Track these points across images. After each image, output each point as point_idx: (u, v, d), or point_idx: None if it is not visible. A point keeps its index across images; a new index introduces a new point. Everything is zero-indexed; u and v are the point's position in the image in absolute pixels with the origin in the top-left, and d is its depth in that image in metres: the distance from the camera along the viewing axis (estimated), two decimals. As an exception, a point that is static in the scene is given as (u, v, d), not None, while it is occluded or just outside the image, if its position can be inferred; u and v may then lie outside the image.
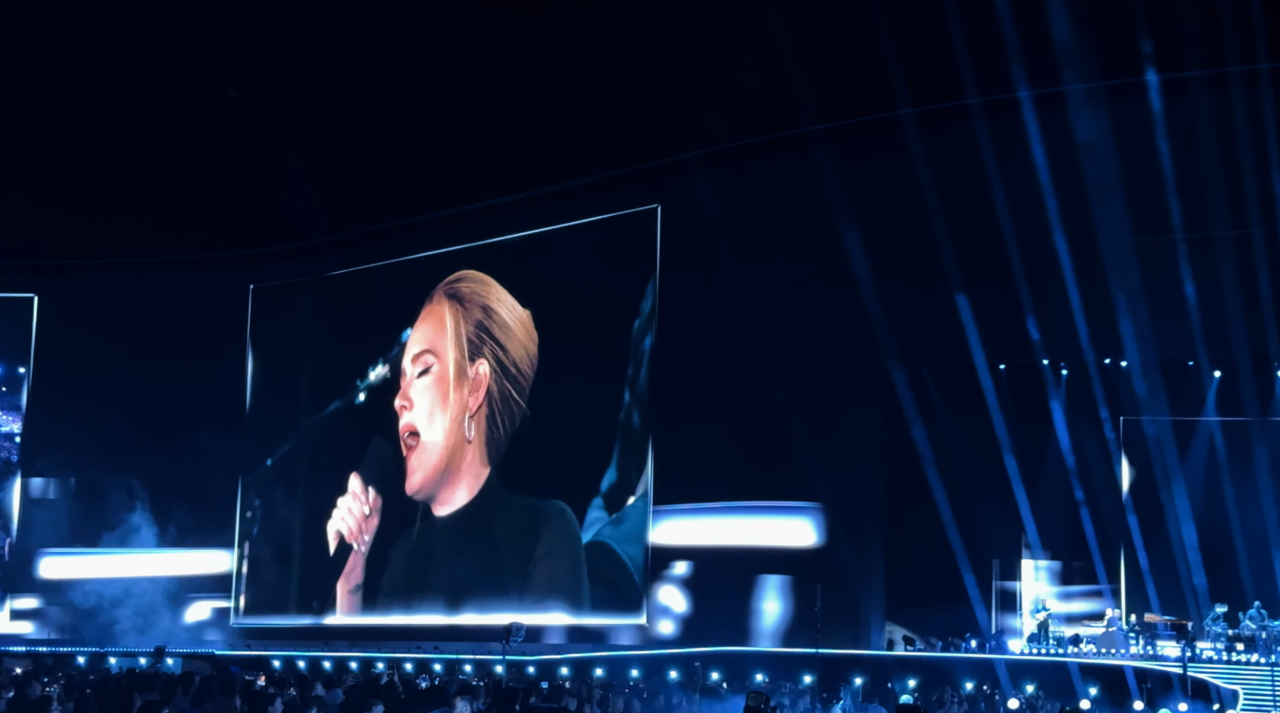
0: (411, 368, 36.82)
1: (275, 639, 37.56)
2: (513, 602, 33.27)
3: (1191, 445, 31.42)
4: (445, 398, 36.07)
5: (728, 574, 31.66)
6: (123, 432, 39.21)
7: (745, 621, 31.30)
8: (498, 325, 35.52)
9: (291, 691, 16.78)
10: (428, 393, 36.42)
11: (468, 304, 36.23)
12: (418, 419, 36.42)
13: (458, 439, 35.60)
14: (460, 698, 14.69)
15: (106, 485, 39.09)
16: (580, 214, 35.08)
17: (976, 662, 28.97)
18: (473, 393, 35.48)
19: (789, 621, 31.18)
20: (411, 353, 36.97)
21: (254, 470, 40.63)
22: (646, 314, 33.44)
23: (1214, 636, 28.10)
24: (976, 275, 28.66)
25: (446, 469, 35.80)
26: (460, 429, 35.57)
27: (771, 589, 31.49)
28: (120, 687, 17.48)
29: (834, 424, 30.55)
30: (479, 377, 35.45)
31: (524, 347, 34.97)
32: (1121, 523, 30.76)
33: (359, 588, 37.49)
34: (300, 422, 39.48)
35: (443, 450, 35.89)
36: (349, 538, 37.75)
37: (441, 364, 36.30)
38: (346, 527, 37.81)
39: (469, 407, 35.52)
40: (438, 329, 36.67)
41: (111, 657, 32.37)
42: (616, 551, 32.81)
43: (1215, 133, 25.87)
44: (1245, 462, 30.96)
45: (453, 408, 35.88)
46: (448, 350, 36.23)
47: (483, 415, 35.24)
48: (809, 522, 31.20)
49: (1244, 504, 30.39)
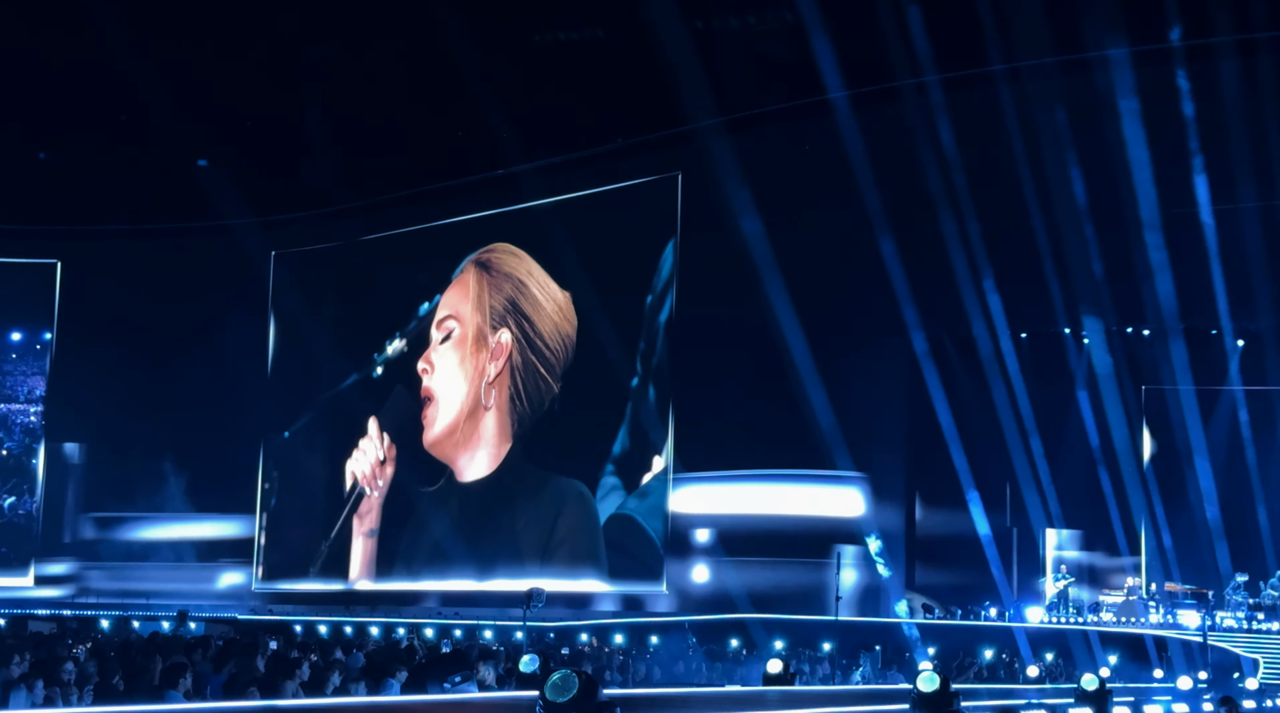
0: (436, 333, 36.88)
1: (297, 604, 37.78)
2: (533, 574, 33.29)
3: (1214, 415, 31.35)
4: (463, 361, 36.15)
5: (748, 542, 31.71)
6: (146, 397, 39.42)
7: (766, 588, 31.33)
8: (527, 300, 35.42)
9: (314, 655, 16.88)
10: (447, 357, 36.50)
11: (496, 274, 36.15)
12: (436, 382, 36.49)
13: (474, 403, 35.64)
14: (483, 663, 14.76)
15: (130, 450, 39.36)
16: (601, 182, 35.02)
17: (996, 630, 29.01)
18: (492, 360, 35.48)
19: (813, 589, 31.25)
20: (438, 318, 37.02)
21: (275, 439, 40.79)
22: (665, 281, 33.41)
23: (1235, 604, 28.09)
24: (999, 243, 28.55)
25: (463, 431, 35.84)
26: (476, 394, 35.60)
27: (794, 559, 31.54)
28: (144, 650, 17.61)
29: (855, 392, 30.52)
30: (499, 345, 35.43)
31: (556, 326, 34.83)
32: (1143, 492, 30.71)
33: (374, 533, 37.58)
34: (321, 390, 39.56)
35: (458, 411, 35.94)
36: (363, 481, 37.88)
37: (462, 328, 36.34)
38: (361, 470, 37.94)
39: (486, 374, 35.52)
40: (462, 295, 36.70)
41: (135, 621, 32.61)
42: (640, 523, 32.85)
43: (1242, 100, 25.64)
44: (1268, 431, 30.89)
45: (470, 371, 35.92)
46: (469, 316, 36.25)
47: (504, 386, 35.23)
48: (831, 490, 31.19)
49: (1266, 473, 30.35)
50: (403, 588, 36.90)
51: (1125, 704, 13.23)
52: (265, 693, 12.29)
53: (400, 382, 37.53)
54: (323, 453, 39.55)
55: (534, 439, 34.89)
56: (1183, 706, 14.58)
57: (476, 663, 14.60)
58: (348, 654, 18.14)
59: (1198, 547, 29.54)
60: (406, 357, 37.69)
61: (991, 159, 27.57)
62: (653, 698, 12.24)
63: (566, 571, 33.60)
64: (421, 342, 37.28)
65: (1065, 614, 29.53)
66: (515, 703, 9.46)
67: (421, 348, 37.21)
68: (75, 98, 36.34)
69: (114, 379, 39.76)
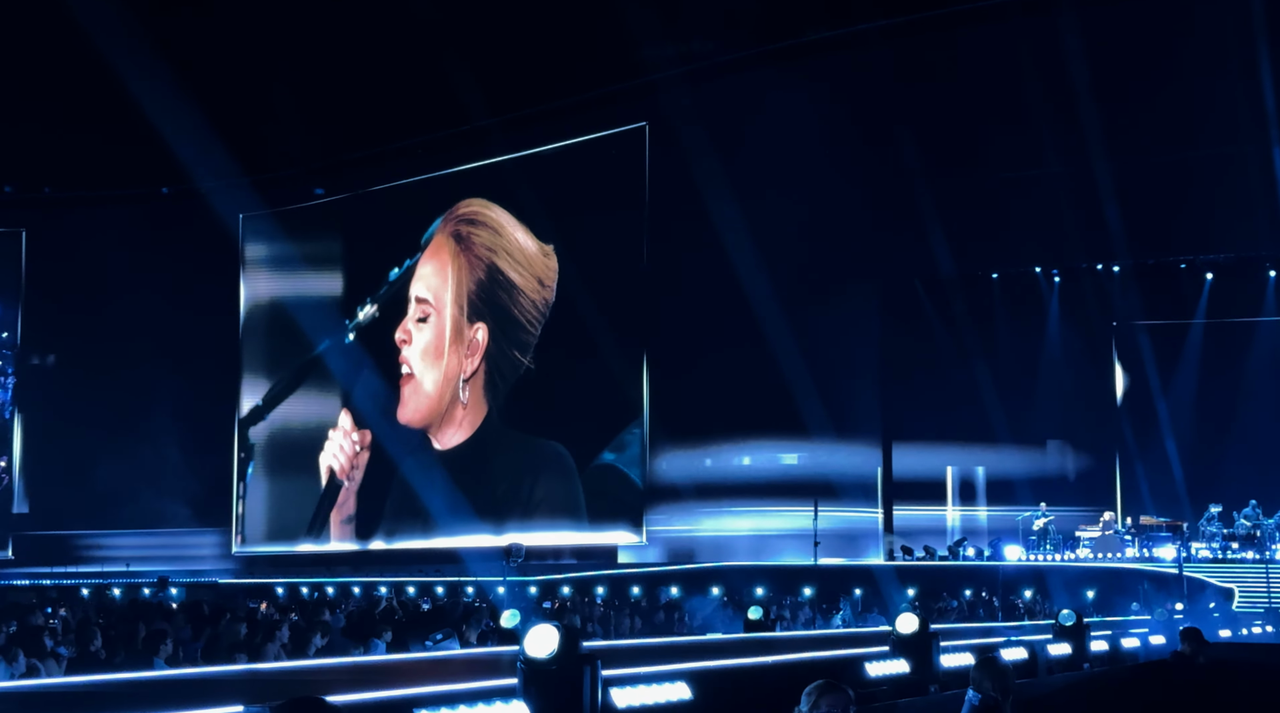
0: (414, 309, 36.49)
1: (278, 567, 37.77)
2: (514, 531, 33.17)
3: (1184, 348, 31.53)
4: (440, 354, 35.84)
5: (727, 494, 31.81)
6: (116, 365, 39.14)
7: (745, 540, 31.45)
8: (502, 287, 35.09)
9: (294, 616, 16.91)
10: (424, 338, 36.22)
11: (471, 253, 35.82)
12: (413, 357, 36.28)
13: (451, 396, 35.51)
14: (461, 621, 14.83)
15: (102, 419, 39.12)
16: (568, 136, 34.82)
17: (975, 569, 29.21)
18: (469, 356, 35.27)
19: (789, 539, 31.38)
20: (415, 291, 36.65)
21: (249, 406, 40.66)
22: (637, 234, 33.32)
23: (1209, 536, 28.32)
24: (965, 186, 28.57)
25: (437, 413, 35.80)
26: (454, 388, 35.47)
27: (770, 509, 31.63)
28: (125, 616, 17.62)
29: (827, 339, 30.52)
30: (475, 343, 35.15)
31: (532, 298, 34.57)
32: (1116, 427, 30.91)
33: (351, 519, 37.60)
34: (295, 355, 39.35)
35: (434, 399, 35.86)
36: (339, 474, 37.78)
37: (439, 319, 35.99)
38: (338, 463, 37.84)
39: (464, 370, 35.35)
40: (440, 277, 36.28)
41: (115, 587, 32.57)
42: (621, 469, 32.89)
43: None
44: (1238, 363, 31.09)
45: (448, 365, 35.69)
46: (447, 306, 35.88)
47: (479, 378, 35.13)
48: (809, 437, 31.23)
49: (1237, 405, 30.56)
50: (383, 548, 36.90)
51: (1103, 638, 13.37)
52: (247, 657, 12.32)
53: (373, 350, 37.29)
54: (298, 420, 39.41)
55: (511, 403, 34.79)
56: (1159, 637, 14.74)
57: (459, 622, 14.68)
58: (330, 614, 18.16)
59: (1171, 480, 29.75)
60: (379, 322, 37.49)
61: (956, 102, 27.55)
62: (633, 650, 12.30)
63: (547, 527, 33.62)
64: (395, 308, 37.01)
65: (1044, 551, 29.73)
66: (497, 659, 9.49)
67: (394, 314, 37.00)
68: (36, 63, 35.94)
69: (84, 347, 39.52)
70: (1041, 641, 11.54)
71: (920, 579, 28.59)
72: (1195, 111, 26.86)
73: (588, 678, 6.34)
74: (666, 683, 7.15)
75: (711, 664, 8.67)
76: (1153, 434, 30.57)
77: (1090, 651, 11.77)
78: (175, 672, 10.96)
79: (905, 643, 9.20)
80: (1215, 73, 26.09)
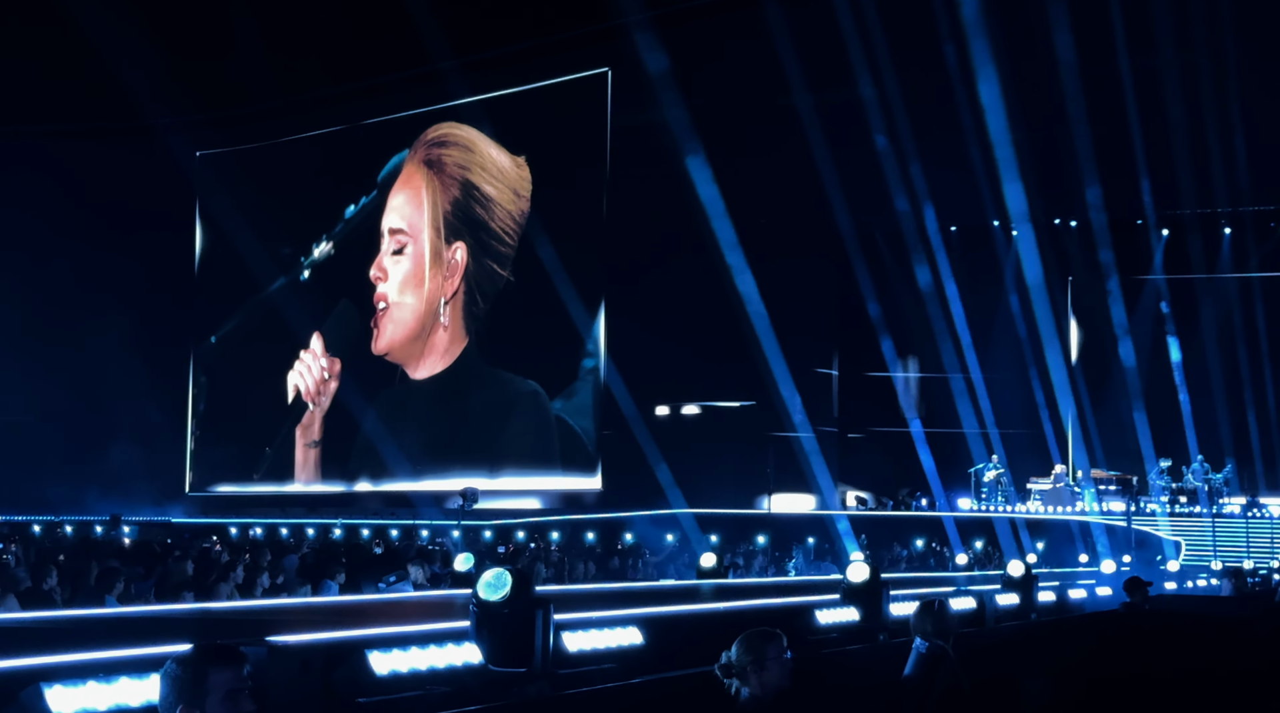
0: (388, 242, 36.21)
1: (232, 508, 37.64)
2: (483, 473, 33.05)
3: (1139, 304, 31.79)
4: (420, 280, 35.56)
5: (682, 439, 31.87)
6: (65, 302, 38.54)
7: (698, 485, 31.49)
8: (479, 202, 34.84)
9: (247, 556, 16.89)
10: (401, 269, 35.95)
11: (447, 179, 35.51)
12: (390, 290, 36.03)
13: (431, 322, 35.25)
14: (413, 564, 14.85)
15: (53, 358, 38.53)
16: (528, 80, 34.58)
17: (927, 520, 29.49)
18: (449, 278, 35.03)
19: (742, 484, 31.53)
20: (389, 223, 36.34)
21: (203, 345, 40.38)
22: (599, 180, 33.18)
23: (1158, 490, 28.67)
24: (927, 136, 28.56)
25: (416, 340, 35.54)
26: (434, 311, 35.21)
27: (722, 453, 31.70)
28: (77, 553, 17.57)
29: (786, 291, 30.54)
30: (454, 263, 34.91)
31: (508, 208, 34.34)
32: (1070, 381, 31.16)
33: (316, 444, 37.37)
34: (249, 294, 39.02)
35: (413, 324, 35.55)
36: (305, 396, 37.60)
37: (416, 246, 35.71)
38: (304, 384, 37.63)
39: (444, 292, 35.09)
40: (414, 204, 35.97)
41: (68, 525, 32.41)
42: (569, 422, 32.81)
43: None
44: (1191, 319, 31.39)
45: (427, 290, 35.42)
46: (424, 231, 35.59)
47: (459, 299, 34.89)
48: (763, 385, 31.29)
49: (1188, 361, 30.88)
50: (340, 490, 36.80)
51: (1051, 589, 13.52)
52: (198, 596, 12.31)
53: (328, 285, 37.10)
54: (253, 358, 39.10)
55: (489, 338, 34.56)
56: (1106, 589, 14.94)
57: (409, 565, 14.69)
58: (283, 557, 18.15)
59: (1122, 433, 30.05)
60: (334, 260, 37.25)
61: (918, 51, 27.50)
62: (586, 594, 12.36)
63: (517, 469, 33.55)
64: (356, 245, 36.77)
65: (995, 503, 30.01)
66: (450, 602, 9.52)
67: (352, 252, 36.75)
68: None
69: (34, 285, 38.95)
70: (990, 591, 11.66)
71: (872, 529, 28.87)
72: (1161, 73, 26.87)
73: (539, 622, 6.36)
74: (619, 628, 7.17)
75: (663, 610, 8.72)
76: (1106, 388, 30.87)
77: (1038, 601, 11.90)
78: (127, 609, 10.94)
79: (856, 592, 9.27)
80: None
